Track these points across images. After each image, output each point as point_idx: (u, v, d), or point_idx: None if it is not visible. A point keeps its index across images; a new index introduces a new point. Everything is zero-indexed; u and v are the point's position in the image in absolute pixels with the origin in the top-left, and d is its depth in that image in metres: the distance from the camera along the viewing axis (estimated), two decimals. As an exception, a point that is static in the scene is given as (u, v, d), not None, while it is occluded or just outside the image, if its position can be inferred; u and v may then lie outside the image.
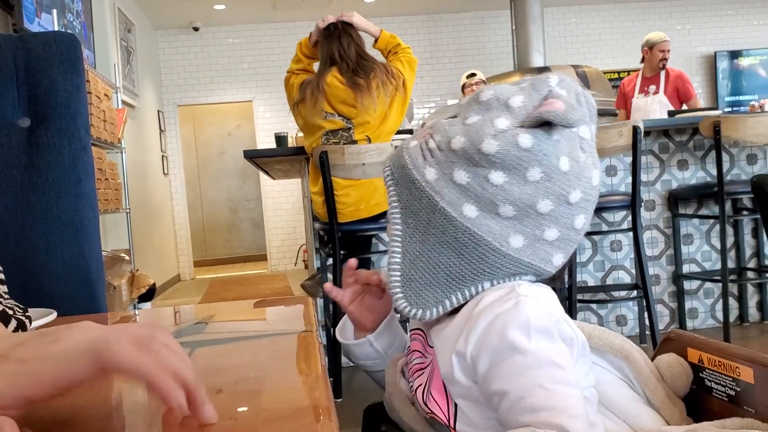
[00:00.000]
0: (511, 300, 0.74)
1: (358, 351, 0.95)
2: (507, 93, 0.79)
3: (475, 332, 0.73)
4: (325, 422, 0.50)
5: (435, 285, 0.77)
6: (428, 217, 0.77)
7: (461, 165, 0.76)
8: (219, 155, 10.75)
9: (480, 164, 0.76)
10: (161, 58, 8.95)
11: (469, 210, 0.76)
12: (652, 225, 3.88)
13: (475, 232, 0.76)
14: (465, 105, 0.82)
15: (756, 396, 0.72)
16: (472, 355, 0.73)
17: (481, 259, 0.76)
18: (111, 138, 4.93)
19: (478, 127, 0.77)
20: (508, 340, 0.71)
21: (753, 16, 9.62)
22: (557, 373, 0.70)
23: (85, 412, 0.57)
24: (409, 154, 0.81)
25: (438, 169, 0.77)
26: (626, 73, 9.37)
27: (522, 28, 7.62)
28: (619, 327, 3.85)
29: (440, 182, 0.77)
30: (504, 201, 0.75)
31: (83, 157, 1.47)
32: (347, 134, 3.26)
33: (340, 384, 3.15)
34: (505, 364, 0.71)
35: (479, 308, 0.75)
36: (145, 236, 6.97)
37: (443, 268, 0.77)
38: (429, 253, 0.77)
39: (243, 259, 10.60)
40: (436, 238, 0.77)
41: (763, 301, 3.96)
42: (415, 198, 0.78)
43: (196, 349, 0.80)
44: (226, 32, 9.02)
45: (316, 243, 3.70)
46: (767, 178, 1.13)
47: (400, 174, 0.80)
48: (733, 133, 3.40)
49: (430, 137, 0.80)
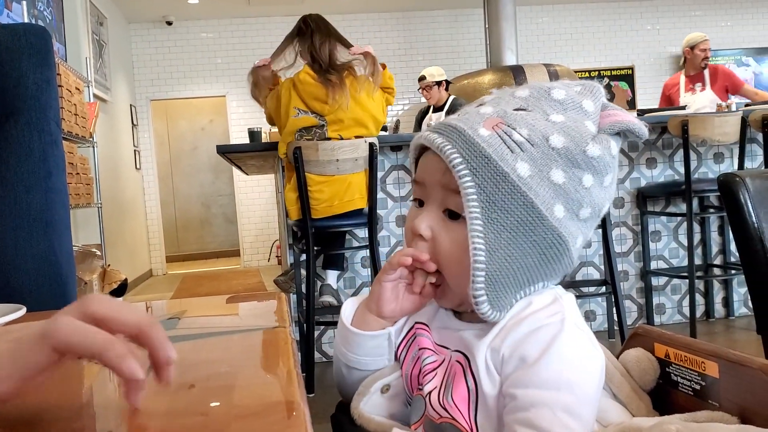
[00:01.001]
0: (558, 315, 0.73)
1: (368, 343, 0.84)
2: (575, 95, 0.79)
3: (514, 335, 0.73)
4: (296, 418, 0.51)
5: (514, 286, 0.75)
6: (520, 214, 0.73)
7: (560, 164, 0.74)
8: (192, 150, 10.67)
9: (579, 166, 0.75)
10: (134, 51, 8.85)
11: (558, 210, 0.74)
12: (621, 222, 3.93)
13: (561, 233, 0.74)
14: (532, 99, 0.78)
15: (720, 390, 0.74)
16: (504, 354, 0.73)
17: (558, 260, 0.76)
18: (82, 132, 4.88)
19: (576, 127, 0.75)
20: (541, 355, 0.71)
21: (721, 18, 9.76)
22: (571, 400, 0.70)
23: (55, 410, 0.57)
24: (487, 143, 0.74)
25: (532, 165, 0.73)
26: (596, 73, 9.47)
27: (495, 26, 7.65)
28: (588, 322, 3.89)
29: (535, 179, 0.73)
30: (588, 204, 0.76)
31: (54, 151, 1.45)
32: (321, 131, 3.25)
33: (313, 379, 3.15)
34: (528, 373, 0.71)
35: (525, 313, 0.74)
36: (117, 231, 6.90)
37: (525, 269, 0.75)
38: (517, 254, 0.74)
39: (216, 254, 10.53)
40: (525, 237, 0.74)
41: (728, 297, 4.03)
42: (506, 193, 0.73)
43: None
44: (199, 27, 8.95)
45: (289, 239, 3.70)
46: (733, 177, 1.15)
47: (481, 164, 0.73)
48: (701, 132, 3.46)
49: (509, 128, 0.75)
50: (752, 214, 1.13)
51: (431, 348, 0.81)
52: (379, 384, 0.84)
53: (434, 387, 0.77)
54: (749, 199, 1.14)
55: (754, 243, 1.13)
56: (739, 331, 3.83)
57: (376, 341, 0.84)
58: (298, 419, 0.50)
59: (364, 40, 9.07)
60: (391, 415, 0.83)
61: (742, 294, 4.03)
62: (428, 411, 0.77)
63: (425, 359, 0.80)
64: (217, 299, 1.87)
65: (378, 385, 0.84)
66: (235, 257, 9.69)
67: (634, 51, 9.62)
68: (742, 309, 4.04)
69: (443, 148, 0.75)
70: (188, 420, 0.53)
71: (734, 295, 4.03)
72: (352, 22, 8.96)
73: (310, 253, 3.16)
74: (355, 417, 0.82)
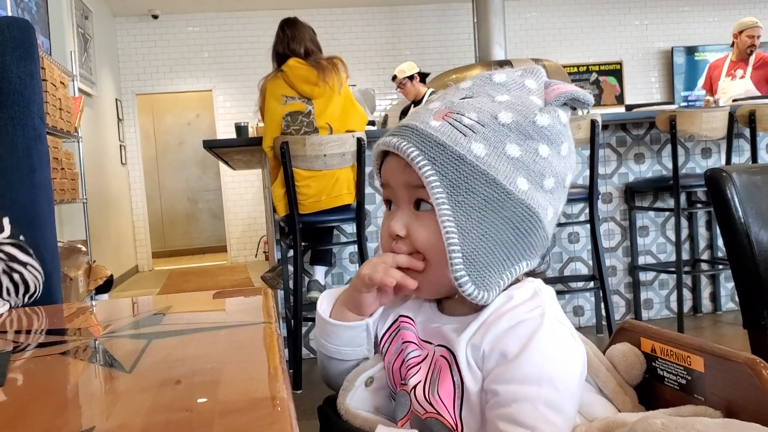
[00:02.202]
0: (538, 309, 0.74)
1: (346, 334, 0.85)
2: (517, 77, 0.82)
3: (494, 330, 0.73)
4: (282, 414, 0.50)
5: (495, 264, 0.76)
6: (485, 192, 0.75)
7: (513, 138, 0.76)
8: (178, 145, 10.62)
9: (532, 137, 0.77)
10: (119, 45, 8.80)
11: (522, 183, 0.76)
12: (609, 217, 3.94)
13: (530, 204, 0.76)
14: (476, 87, 0.81)
15: (706, 385, 0.74)
16: (484, 350, 0.73)
17: (533, 234, 0.77)
18: (67, 127, 4.84)
19: (522, 102, 0.78)
20: (521, 350, 0.71)
21: (709, 13, 9.81)
22: (553, 395, 0.70)
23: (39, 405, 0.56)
24: (440, 132, 0.76)
25: (486, 144, 0.75)
26: (584, 68, 9.50)
27: (483, 21, 7.66)
28: (577, 317, 3.91)
29: (492, 156, 0.75)
30: (550, 174, 0.77)
31: (38, 146, 1.44)
32: (308, 119, 3.25)
33: (300, 376, 3.14)
34: (508, 368, 0.71)
35: (506, 307, 0.75)
36: (103, 227, 6.86)
37: (501, 246, 0.76)
38: (489, 231, 0.75)
39: (202, 250, 10.50)
40: (495, 214, 0.75)
41: (716, 292, 4.06)
42: (467, 175, 0.75)
43: (153, 341, 0.79)
44: (185, 20, 8.90)
45: (276, 234, 3.68)
46: (720, 172, 1.15)
47: (438, 152, 0.75)
48: (689, 128, 3.47)
49: (458, 115, 0.77)
50: (739, 209, 1.14)
51: (416, 342, 0.81)
52: (363, 377, 0.84)
53: (419, 381, 0.78)
54: (736, 194, 1.14)
55: (740, 238, 1.14)
56: (726, 325, 3.86)
57: (354, 332, 0.85)
58: (283, 415, 0.50)
59: (351, 34, 9.06)
60: (376, 408, 0.84)
61: (729, 289, 4.06)
62: (414, 406, 0.78)
63: (409, 353, 0.80)
64: (203, 295, 1.86)
65: (362, 379, 0.84)
66: (221, 253, 9.66)
67: (623, 46, 9.65)
68: (729, 304, 4.06)
69: (400, 146, 0.77)
70: (173, 415, 0.52)
71: (721, 290, 4.06)
72: (340, 16, 8.94)
73: (298, 249, 3.15)
74: (342, 412, 0.83)
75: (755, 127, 3.56)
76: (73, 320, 1.04)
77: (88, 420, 0.55)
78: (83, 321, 1.04)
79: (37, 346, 0.82)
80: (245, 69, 8.80)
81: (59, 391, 0.63)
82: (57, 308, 1.21)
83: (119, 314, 1.09)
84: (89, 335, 0.88)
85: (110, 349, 0.78)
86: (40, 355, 0.76)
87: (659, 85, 9.74)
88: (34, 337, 0.89)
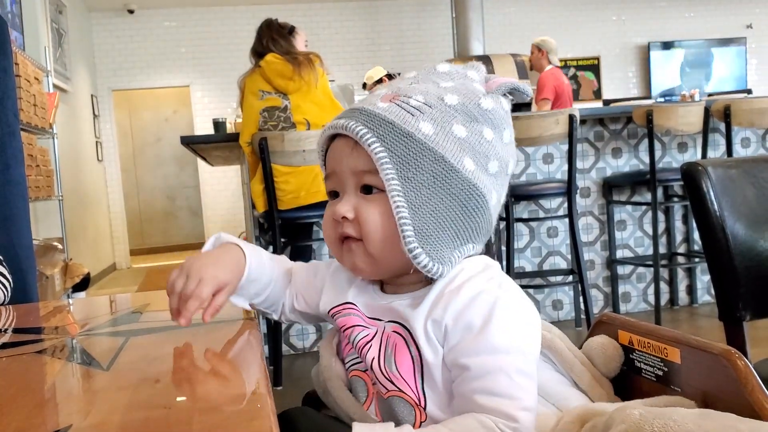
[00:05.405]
0: (494, 280, 0.77)
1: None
2: (459, 69, 0.84)
3: (455, 304, 0.74)
4: (261, 410, 0.50)
5: (446, 240, 0.77)
6: (433, 169, 0.76)
7: (459, 119, 0.78)
8: (155, 141, 10.53)
9: (477, 119, 0.79)
10: (95, 40, 8.70)
11: (468, 163, 0.77)
12: (587, 211, 3.97)
13: (476, 184, 0.77)
14: (421, 76, 0.83)
15: (682, 376, 0.75)
16: (447, 325, 0.74)
17: (479, 214, 0.78)
18: (42, 123, 4.78)
19: (466, 87, 0.81)
20: (487, 321, 0.72)
21: (686, 8, 9.89)
22: (522, 362, 0.72)
23: (16, 404, 0.56)
24: (388, 112, 0.78)
25: (434, 124, 0.77)
26: (562, 63, 9.55)
27: (462, 16, 7.67)
28: (556, 311, 3.94)
29: (440, 135, 0.77)
30: (494, 157, 0.79)
31: (11, 143, 1.42)
32: (284, 114, 3.24)
33: (281, 372, 3.14)
34: (476, 341, 0.72)
35: (459, 280, 0.76)
36: (79, 224, 6.79)
37: (451, 222, 0.77)
38: (438, 207, 0.76)
39: (181, 247, 10.42)
40: (444, 191, 0.76)
41: (692, 285, 4.10)
42: (416, 152, 0.76)
43: (131, 339, 0.78)
44: (162, 15, 8.82)
45: (256, 231, 3.67)
46: (696, 166, 1.16)
47: (387, 131, 0.76)
48: (665, 122, 3.50)
49: (405, 97, 0.79)
50: (714, 203, 1.15)
51: (362, 324, 0.82)
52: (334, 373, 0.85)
53: (373, 357, 0.79)
54: (711, 187, 1.15)
55: (716, 231, 1.15)
56: (702, 318, 3.90)
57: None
58: (263, 411, 0.50)
59: (330, 29, 9.03)
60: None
61: (705, 282, 4.10)
62: (377, 386, 0.79)
63: (355, 336, 0.81)
64: (182, 292, 1.84)
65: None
66: (200, 250, 9.58)
67: (600, 42, 9.71)
68: (705, 297, 4.11)
69: (348, 126, 0.78)
70: (151, 413, 0.52)
71: (698, 283, 4.10)
72: (319, 12, 8.91)
73: (277, 245, 3.15)
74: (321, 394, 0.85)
75: (730, 121, 3.60)
76: (49, 319, 1.03)
77: (66, 418, 0.54)
78: (60, 319, 1.03)
79: (12, 345, 0.81)
80: (223, 64, 8.74)
81: (36, 389, 0.63)
82: (33, 307, 1.20)
83: (96, 312, 1.08)
84: (66, 334, 0.88)
85: (87, 347, 0.77)
86: (16, 354, 0.75)
87: (636, 80, 9.81)
88: (5, 336, 0.88)
